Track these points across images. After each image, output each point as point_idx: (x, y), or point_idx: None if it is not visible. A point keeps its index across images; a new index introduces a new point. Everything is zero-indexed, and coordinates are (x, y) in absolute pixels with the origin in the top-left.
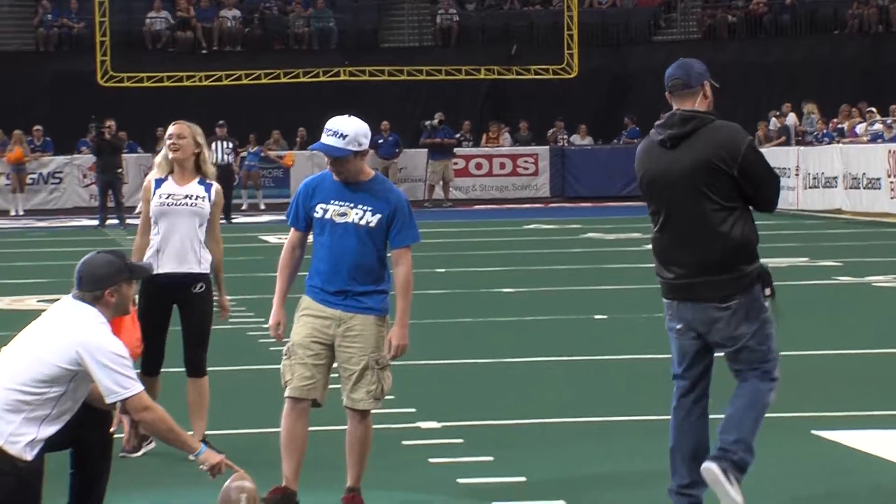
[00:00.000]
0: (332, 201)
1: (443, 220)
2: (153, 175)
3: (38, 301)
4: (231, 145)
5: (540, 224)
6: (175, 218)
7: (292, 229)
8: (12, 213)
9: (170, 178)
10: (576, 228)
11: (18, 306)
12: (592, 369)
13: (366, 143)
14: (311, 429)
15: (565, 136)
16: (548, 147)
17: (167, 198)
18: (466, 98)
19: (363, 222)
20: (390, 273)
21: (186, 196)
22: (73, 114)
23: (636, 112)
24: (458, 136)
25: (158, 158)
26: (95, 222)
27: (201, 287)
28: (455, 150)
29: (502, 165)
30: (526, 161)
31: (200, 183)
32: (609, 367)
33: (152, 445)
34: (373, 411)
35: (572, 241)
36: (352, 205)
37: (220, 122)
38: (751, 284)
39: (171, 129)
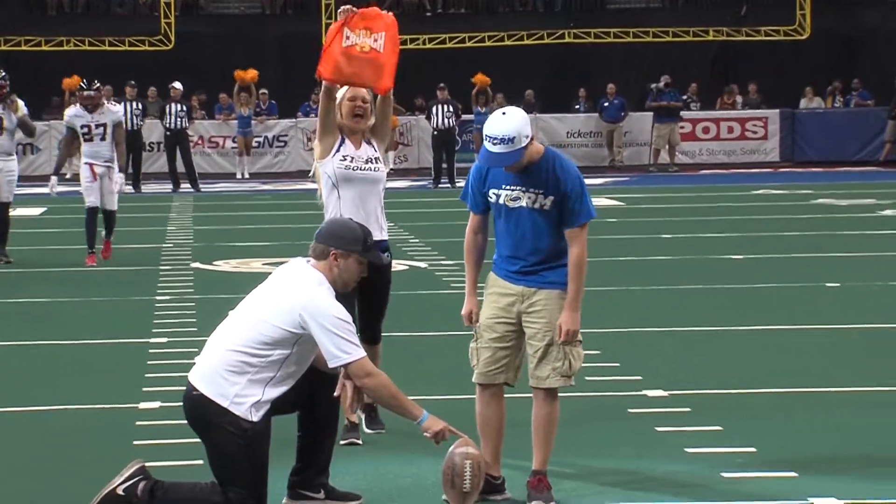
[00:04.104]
0: (503, 186)
1: (669, 185)
2: None
3: (263, 264)
4: (452, 108)
5: (769, 189)
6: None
7: (471, 213)
8: (238, 175)
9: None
10: (806, 194)
11: (244, 269)
12: (825, 338)
13: (529, 131)
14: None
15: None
16: (778, 110)
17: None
18: (694, 60)
19: (537, 206)
20: None
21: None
22: (298, 77)
23: (866, 74)
24: (684, 98)
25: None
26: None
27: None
28: (681, 113)
29: (730, 129)
30: (755, 124)
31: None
32: (842, 336)
33: (383, 431)
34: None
35: (803, 206)
36: (523, 189)
37: (441, 84)
38: None
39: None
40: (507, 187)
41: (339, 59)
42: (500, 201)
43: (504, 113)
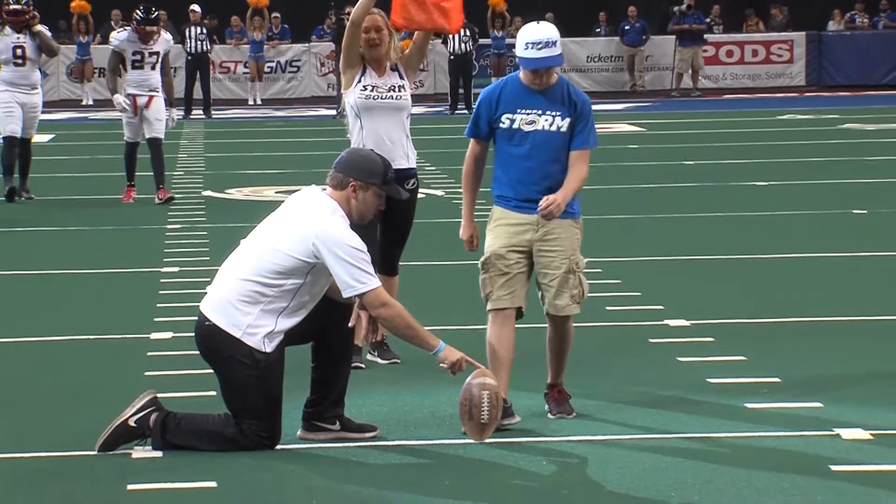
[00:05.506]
0: (518, 110)
1: (691, 111)
2: None
3: (276, 192)
4: (469, 32)
5: (794, 114)
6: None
7: (472, 141)
8: (250, 102)
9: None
10: (833, 119)
11: (256, 197)
12: (851, 266)
13: None
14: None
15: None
16: (804, 33)
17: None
18: None
19: (553, 128)
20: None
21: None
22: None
23: None
24: (707, 21)
25: None
26: (333, 112)
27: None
28: (705, 36)
29: (755, 53)
30: (780, 48)
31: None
32: (869, 263)
33: (398, 362)
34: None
35: (829, 132)
36: (539, 111)
37: None
38: None
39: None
40: (523, 111)
41: (411, 8)
42: (515, 125)
43: (538, 22)
